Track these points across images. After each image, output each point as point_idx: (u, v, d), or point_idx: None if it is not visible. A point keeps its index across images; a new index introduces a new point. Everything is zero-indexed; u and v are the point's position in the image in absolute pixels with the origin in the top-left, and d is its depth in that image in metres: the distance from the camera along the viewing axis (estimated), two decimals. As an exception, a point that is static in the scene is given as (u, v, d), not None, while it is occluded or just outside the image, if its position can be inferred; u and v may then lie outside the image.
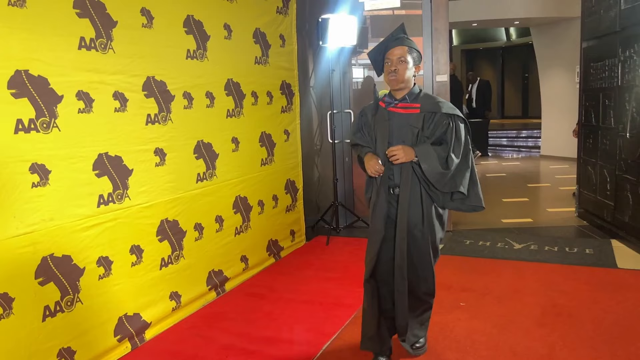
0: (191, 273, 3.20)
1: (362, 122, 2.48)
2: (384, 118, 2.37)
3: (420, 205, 2.33)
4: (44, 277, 2.29)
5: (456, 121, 2.28)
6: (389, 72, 2.28)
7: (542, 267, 3.77)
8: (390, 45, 2.31)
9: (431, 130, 2.29)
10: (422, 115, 2.29)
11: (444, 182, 2.26)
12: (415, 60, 2.32)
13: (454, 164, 2.24)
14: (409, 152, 2.24)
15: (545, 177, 7.82)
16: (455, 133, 2.27)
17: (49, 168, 2.29)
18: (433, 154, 2.23)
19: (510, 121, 15.07)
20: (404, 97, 2.33)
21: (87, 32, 2.45)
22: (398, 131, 2.34)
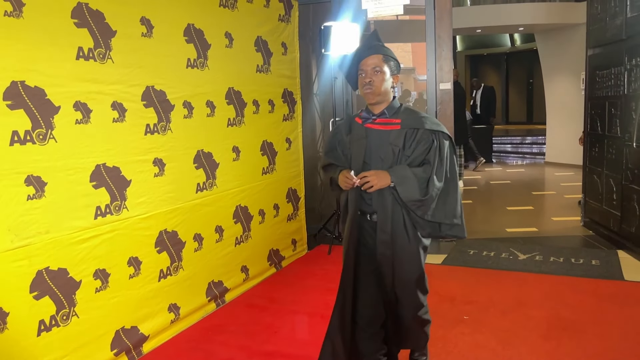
0: (190, 284, 3.16)
1: (336, 140, 2.25)
2: (360, 135, 2.12)
3: (406, 234, 2.09)
4: (39, 290, 2.25)
5: (440, 139, 2.04)
6: (364, 85, 2.04)
7: (547, 278, 3.70)
8: (363, 54, 2.07)
9: (413, 148, 2.04)
10: (404, 131, 2.04)
11: (427, 210, 2.01)
12: (393, 70, 2.08)
13: (435, 188, 1.99)
14: (383, 177, 1.99)
15: (550, 184, 7.74)
16: (439, 152, 2.02)
17: (45, 180, 2.25)
18: (411, 178, 1.97)
19: (514, 127, 14.99)
20: (383, 111, 2.09)
21: (86, 41, 2.42)
22: (376, 150, 2.08)
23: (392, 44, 12.39)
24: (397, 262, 2.13)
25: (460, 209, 2.10)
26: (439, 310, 3.20)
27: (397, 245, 2.11)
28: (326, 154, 2.28)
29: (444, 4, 4.52)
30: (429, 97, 4.68)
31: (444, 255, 4.27)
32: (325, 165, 2.29)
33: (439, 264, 4.10)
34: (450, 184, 2.04)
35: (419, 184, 1.98)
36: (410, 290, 2.20)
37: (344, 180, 2.04)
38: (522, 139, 11.80)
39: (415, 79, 14.45)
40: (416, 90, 12.72)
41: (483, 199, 6.84)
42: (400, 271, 2.15)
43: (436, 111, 4.64)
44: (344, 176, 2.05)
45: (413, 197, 1.98)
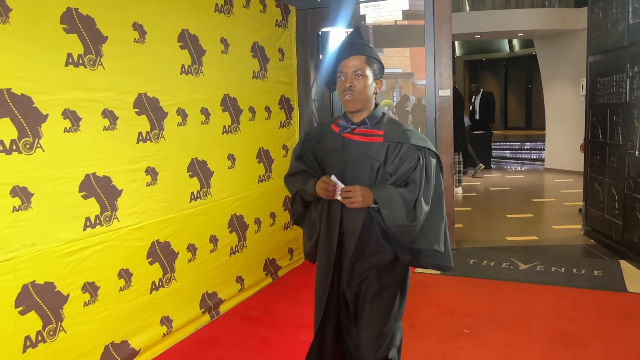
0: (183, 296, 3.08)
1: (307, 147, 1.97)
2: (336, 146, 1.87)
3: (375, 264, 1.82)
4: (25, 305, 2.17)
5: (427, 156, 1.79)
6: (344, 90, 1.79)
7: (548, 290, 3.63)
8: (344, 54, 1.82)
9: (395, 165, 1.78)
10: (386, 145, 1.79)
11: (411, 236, 1.76)
12: (377, 74, 1.84)
13: (424, 212, 1.74)
14: (367, 196, 1.72)
15: (550, 191, 7.68)
16: (426, 171, 1.78)
17: (32, 191, 2.17)
18: (398, 200, 1.71)
19: (513, 132, 14.95)
20: (364, 120, 1.84)
21: (75, 48, 2.35)
22: (353, 164, 1.83)
23: (390, 49, 12.32)
24: (360, 299, 1.86)
25: (445, 235, 1.83)
26: (438, 323, 3.13)
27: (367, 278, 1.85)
28: (296, 159, 1.97)
29: (443, 10, 4.46)
30: (428, 104, 4.62)
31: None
32: (292, 174, 1.97)
33: (438, 274, 4.02)
34: (435, 207, 1.79)
35: (405, 207, 1.72)
36: (370, 343, 1.84)
37: (324, 187, 1.76)
38: (521, 145, 11.75)
39: (413, 83, 14.41)
40: (414, 95, 12.67)
41: (482, 206, 6.77)
42: (361, 313, 1.86)
43: (435, 118, 4.57)
44: (322, 182, 1.77)
45: (399, 222, 1.72)
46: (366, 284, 1.84)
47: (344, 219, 1.83)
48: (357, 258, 1.84)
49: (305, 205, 1.96)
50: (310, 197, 1.86)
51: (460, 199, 7.07)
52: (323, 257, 1.89)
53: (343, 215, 1.82)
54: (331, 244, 1.85)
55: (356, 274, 1.85)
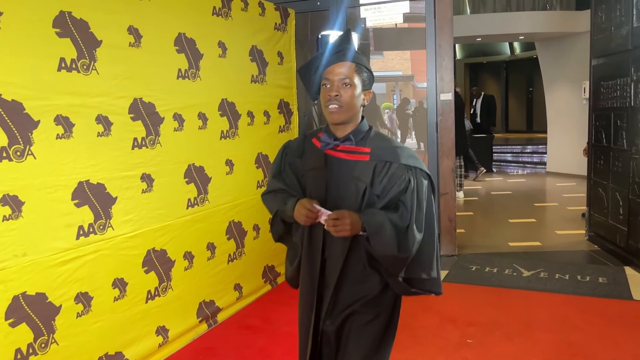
0: (180, 305, 3.01)
1: (286, 162, 1.77)
2: (317, 163, 1.68)
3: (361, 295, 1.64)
4: (15, 317, 2.11)
5: (418, 177, 1.60)
6: (328, 99, 1.60)
7: (553, 297, 3.56)
8: (331, 59, 1.64)
9: (384, 186, 1.60)
10: (373, 164, 1.60)
11: (402, 267, 1.59)
12: (366, 84, 1.65)
13: (416, 242, 1.56)
14: (356, 224, 1.52)
15: (552, 195, 7.61)
16: (417, 194, 1.59)
17: (22, 199, 2.11)
18: (388, 228, 1.52)
19: (514, 135, 14.89)
20: (348, 136, 1.64)
21: (68, 52, 2.29)
22: (336, 185, 1.64)
23: (391, 52, 12.28)
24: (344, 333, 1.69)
25: (437, 260, 1.69)
26: (440, 333, 3.06)
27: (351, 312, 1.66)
28: (274, 176, 1.78)
29: (444, 13, 4.41)
30: (429, 108, 4.56)
31: (445, 272, 4.13)
32: (269, 192, 1.78)
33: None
34: (427, 232, 1.62)
35: (397, 235, 1.53)
36: None
37: (305, 213, 1.55)
38: (522, 148, 11.69)
39: (414, 86, 14.36)
40: (415, 98, 12.62)
41: (484, 210, 6.71)
42: (346, 350, 1.69)
43: (437, 122, 4.52)
44: (304, 208, 1.56)
45: (389, 253, 1.54)
46: (351, 317, 1.66)
47: (326, 244, 1.65)
48: (341, 288, 1.64)
49: (287, 225, 1.77)
50: (289, 219, 1.67)
51: (462, 204, 7.01)
52: (306, 285, 1.73)
53: (325, 240, 1.64)
54: (313, 271, 1.68)
55: (340, 306, 1.66)
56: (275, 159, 1.84)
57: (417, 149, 8.50)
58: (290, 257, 1.82)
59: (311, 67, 1.71)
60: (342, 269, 1.63)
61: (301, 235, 1.73)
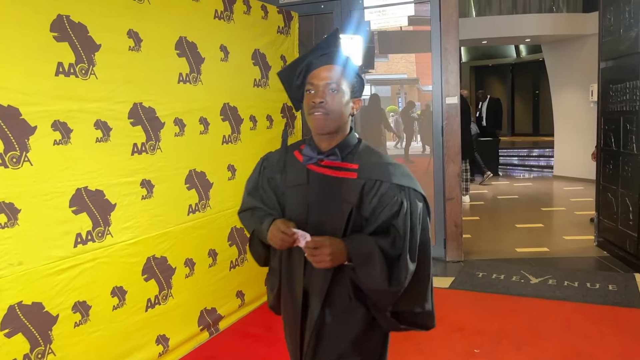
0: (181, 313, 2.96)
1: (264, 177, 1.59)
2: (298, 180, 1.50)
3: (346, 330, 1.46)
4: (11, 327, 2.06)
5: (412, 199, 1.42)
6: (312, 106, 1.42)
7: (561, 305, 3.48)
8: (316, 62, 1.45)
9: (373, 208, 1.41)
10: (361, 183, 1.41)
11: (392, 302, 1.42)
12: (355, 91, 1.47)
13: (409, 273, 1.38)
14: (339, 253, 1.35)
15: (559, 200, 7.52)
16: (411, 218, 1.40)
17: (19, 207, 2.07)
18: (378, 258, 1.35)
19: (520, 139, 14.77)
20: (333, 150, 1.45)
21: (66, 56, 2.25)
22: (319, 205, 1.45)
23: (396, 55, 12.22)
24: None
25: (431, 291, 1.50)
26: (446, 342, 2.99)
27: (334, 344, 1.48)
28: (249, 193, 1.61)
29: (450, 15, 4.35)
30: (434, 112, 4.50)
31: (451, 279, 4.06)
32: (245, 210, 1.62)
33: (446, 288, 3.89)
34: (422, 260, 1.44)
35: (388, 266, 1.36)
36: None
37: (280, 237, 1.39)
38: (528, 152, 11.57)
39: (419, 89, 14.29)
40: (420, 101, 12.55)
41: (490, 215, 6.62)
42: None
43: (442, 126, 4.45)
44: (278, 230, 1.40)
45: (379, 286, 1.37)
46: (335, 356, 1.47)
47: (306, 272, 1.46)
48: (324, 322, 1.46)
49: (267, 246, 1.58)
50: (265, 239, 1.50)
51: (468, 208, 6.93)
52: (288, 317, 1.58)
53: (307, 267, 1.44)
54: (295, 302, 1.51)
55: (323, 343, 1.48)
56: (252, 173, 1.65)
57: (422, 152, 8.45)
58: (270, 283, 1.64)
59: (294, 71, 1.50)
60: (324, 301, 1.44)
61: (279, 260, 1.57)
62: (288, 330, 1.60)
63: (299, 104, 1.52)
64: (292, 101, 1.57)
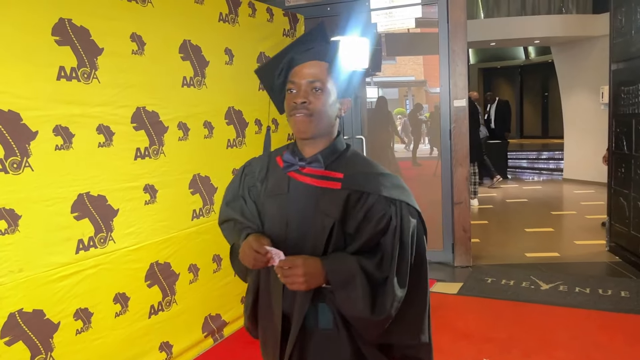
0: (185, 319, 2.92)
1: (245, 186, 1.43)
2: (278, 188, 1.34)
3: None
4: (12, 335, 2.03)
5: (403, 214, 1.25)
6: (293, 107, 1.27)
7: (573, 313, 3.41)
8: (298, 58, 1.30)
9: (358, 224, 1.25)
10: (345, 194, 1.25)
11: (378, 332, 1.25)
12: (343, 90, 1.32)
13: (397, 300, 1.21)
14: (314, 275, 1.19)
15: (569, 203, 7.42)
16: (401, 237, 1.24)
17: (19, 213, 2.04)
18: (360, 281, 1.19)
19: (529, 141, 14.65)
20: (316, 156, 1.29)
21: (68, 60, 2.23)
22: (299, 218, 1.29)
23: (403, 58, 12.11)
24: None
25: (428, 321, 1.33)
26: (454, 350, 2.93)
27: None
28: (227, 203, 1.47)
29: (458, 17, 4.30)
30: (442, 115, 4.44)
31: (460, 284, 3.99)
32: (225, 221, 1.47)
33: (454, 294, 3.82)
34: (416, 286, 1.27)
35: (371, 291, 1.20)
36: None
37: (253, 256, 1.23)
38: (538, 154, 11.47)
39: (426, 91, 14.22)
40: (428, 104, 12.47)
41: (499, 219, 6.54)
42: None
43: (450, 129, 4.39)
44: (250, 248, 1.24)
45: (359, 313, 1.21)
46: None
47: (285, 294, 1.29)
48: (304, 351, 1.29)
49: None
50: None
51: (476, 212, 6.85)
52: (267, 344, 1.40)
53: (285, 288, 1.26)
54: (274, 327, 1.34)
55: None
56: (232, 180, 1.49)
57: (430, 154, 8.38)
58: (245, 305, 1.46)
59: (274, 68, 1.33)
60: (302, 327, 1.27)
61: (256, 278, 1.41)
62: (266, 355, 1.42)
63: (281, 103, 1.37)
64: (275, 103, 1.40)
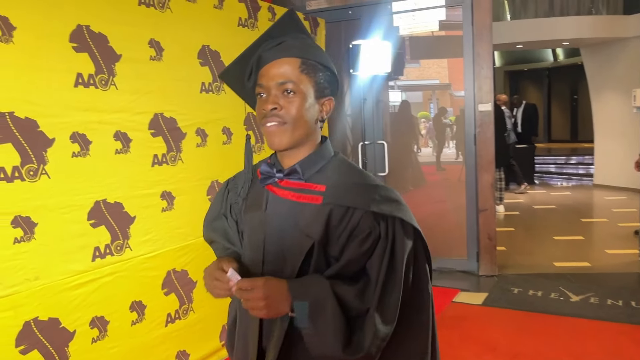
0: (202, 328, 2.89)
1: (228, 202, 1.27)
2: (256, 204, 1.17)
3: None
4: (27, 344, 2.02)
5: (397, 233, 1.05)
6: (263, 115, 1.09)
7: (604, 326, 3.25)
8: (265, 56, 1.09)
9: (342, 245, 1.06)
10: (327, 210, 1.06)
11: None
12: (322, 88, 1.12)
13: (380, 338, 1.00)
14: (277, 299, 1.00)
15: (600, 210, 7.17)
16: (391, 260, 1.03)
17: (35, 220, 2.03)
18: (331, 311, 0.99)
19: (557, 145, 14.31)
20: (294, 168, 1.11)
21: (86, 67, 2.22)
22: (277, 239, 1.11)
23: (427, 61, 11.96)
24: None
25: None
26: (479, 364, 2.82)
27: None
28: (208, 224, 1.32)
29: (483, 20, 4.18)
30: (466, 119, 4.33)
31: (485, 295, 3.86)
32: (212, 242, 1.33)
33: (479, 305, 3.70)
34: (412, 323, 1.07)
35: (345, 324, 0.99)
36: None
37: (213, 285, 1.08)
38: (566, 159, 11.17)
39: (451, 95, 14.02)
40: (453, 107, 12.28)
41: (526, 226, 6.36)
42: None
43: (475, 134, 4.27)
44: (211, 276, 1.08)
45: (328, 351, 1.00)
46: None
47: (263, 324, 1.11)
48: None
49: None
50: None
51: (502, 218, 6.68)
52: None
53: (261, 322, 1.11)
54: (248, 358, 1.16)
55: None
56: (215, 196, 1.33)
57: (456, 159, 8.22)
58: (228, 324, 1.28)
59: (243, 70, 1.14)
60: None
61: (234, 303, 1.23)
62: None
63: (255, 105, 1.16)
64: (249, 104, 1.20)
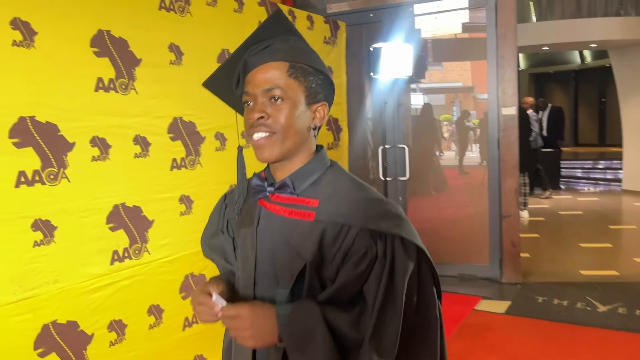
0: (220, 332, 2.86)
1: (225, 217, 1.23)
2: (249, 219, 1.09)
3: None
4: (45, 347, 2.03)
5: (397, 254, 0.95)
6: (250, 125, 1.02)
7: (632, 338, 3.14)
8: (250, 61, 1.03)
9: (337, 266, 0.97)
10: (320, 228, 0.98)
11: None
12: (314, 93, 1.03)
13: None
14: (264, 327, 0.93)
15: (629, 217, 6.97)
16: (389, 283, 0.93)
17: (55, 224, 2.05)
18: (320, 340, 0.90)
19: (584, 149, 13.97)
20: (284, 181, 1.03)
21: (106, 72, 2.23)
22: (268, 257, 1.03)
23: (450, 63, 11.87)
24: None
25: None
26: (502, 376, 2.75)
27: None
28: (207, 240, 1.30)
29: (507, 21, 4.10)
30: (490, 123, 4.25)
31: (508, 303, 3.77)
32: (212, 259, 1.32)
33: (502, 313, 3.61)
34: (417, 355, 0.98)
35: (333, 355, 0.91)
36: None
37: (200, 311, 1.02)
38: (593, 164, 10.89)
39: (474, 97, 13.83)
40: (476, 110, 12.11)
41: (551, 232, 6.21)
42: None
43: (498, 138, 4.19)
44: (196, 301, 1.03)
45: None
46: None
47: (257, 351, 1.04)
48: None
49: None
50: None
51: (527, 224, 6.54)
52: None
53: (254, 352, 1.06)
54: None
55: None
56: (212, 210, 1.28)
57: (480, 163, 8.08)
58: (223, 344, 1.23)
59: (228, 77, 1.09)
60: None
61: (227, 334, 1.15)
62: None
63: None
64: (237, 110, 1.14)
